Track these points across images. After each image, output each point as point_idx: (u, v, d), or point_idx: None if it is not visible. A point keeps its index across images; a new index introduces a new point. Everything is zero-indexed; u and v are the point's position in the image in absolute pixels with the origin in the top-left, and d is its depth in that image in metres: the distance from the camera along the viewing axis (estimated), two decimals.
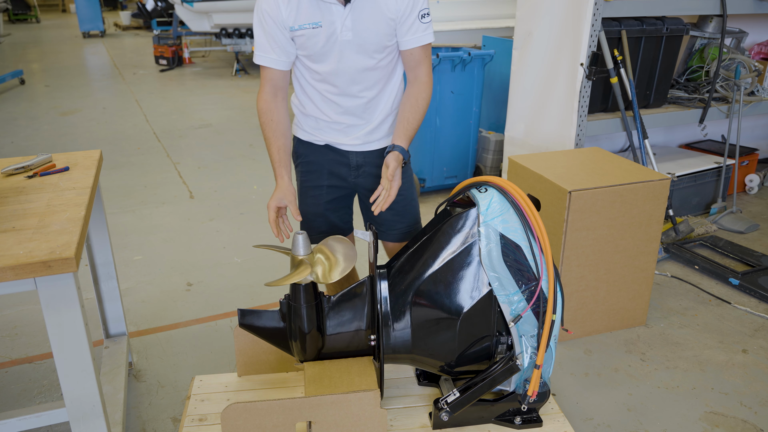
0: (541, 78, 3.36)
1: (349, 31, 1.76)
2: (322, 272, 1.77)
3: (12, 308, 2.89)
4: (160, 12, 10.36)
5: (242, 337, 1.98)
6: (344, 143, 1.96)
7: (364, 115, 1.92)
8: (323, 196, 2.03)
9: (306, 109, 1.96)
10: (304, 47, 1.81)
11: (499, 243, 1.70)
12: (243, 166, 4.93)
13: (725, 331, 2.70)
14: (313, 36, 1.77)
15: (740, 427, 2.15)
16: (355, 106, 1.90)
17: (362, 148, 1.97)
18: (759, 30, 4.26)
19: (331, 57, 1.80)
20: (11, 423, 1.74)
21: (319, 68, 1.84)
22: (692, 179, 3.74)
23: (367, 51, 1.80)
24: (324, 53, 1.80)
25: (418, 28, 1.83)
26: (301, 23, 1.75)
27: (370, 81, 1.87)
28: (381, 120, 1.95)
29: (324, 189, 2.02)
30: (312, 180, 2.02)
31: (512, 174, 2.73)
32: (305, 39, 1.78)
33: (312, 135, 1.99)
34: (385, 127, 1.97)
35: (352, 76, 1.84)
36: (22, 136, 5.75)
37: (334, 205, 2.06)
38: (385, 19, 1.78)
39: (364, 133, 1.95)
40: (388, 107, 1.94)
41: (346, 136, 1.95)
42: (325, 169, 2.01)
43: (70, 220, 1.62)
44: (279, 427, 1.59)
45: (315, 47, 1.79)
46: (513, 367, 1.74)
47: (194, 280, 3.14)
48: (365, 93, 1.88)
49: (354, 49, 1.79)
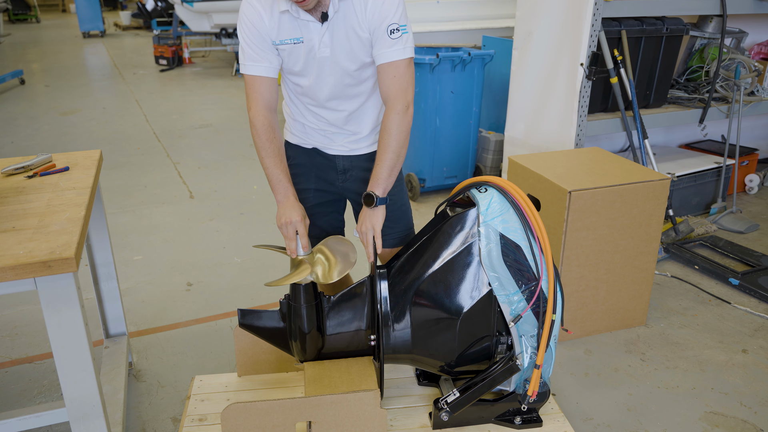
0: (541, 78, 3.36)
1: (327, 47, 1.75)
2: (322, 272, 1.77)
3: (12, 308, 2.89)
4: (160, 12, 10.37)
5: (242, 337, 1.98)
6: (330, 148, 1.96)
7: (347, 127, 1.91)
8: (310, 200, 2.02)
9: (294, 116, 1.97)
10: (286, 62, 1.81)
11: (499, 243, 1.70)
12: (243, 166, 4.93)
13: (725, 331, 2.70)
14: (294, 51, 1.77)
15: (740, 427, 2.15)
16: (335, 118, 1.89)
17: (349, 153, 1.96)
18: (759, 30, 4.26)
19: (311, 72, 1.80)
20: (11, 423, 1.74)
21: (300, 81, 1.84)
22: (692, 179, 3.74)
23: (344, 67, 1.79)
24: (304, 68, 1.80)
25: (384, 44, 1.73)
26: (282, 38, 1.75)
27: (349, 95, 1.85)
28: (368, 131, 1.93)
29: (311, 192, 2.01)
30: (299, 183, 2.01)
31: (512, 174, 2.73)
32: (287, 54, 1.78)
33: (300, 138, 1.99)
34: (372, 137, 1.95)
35: (331, 91, 1.83)
36: (22, 136, 5.75)
37: (321, 209, 2.05)
38: (357, 36, 1.75)
39: (349, 141, 1.94)
40: (373, 119, 1.93)
41: (332, 142, 1.94)
42: (313, 172, 2.00)
43: (70, 220, 1.62)
44: (279, 427, 1.59)
45: (296, 62, 1.79)
46: (513, 367, 1.75)
47: (194, 280, 3.14)
48: (344, 106, 1.87)
49: (331, 65, 1.78)
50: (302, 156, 2.00)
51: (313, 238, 2.02)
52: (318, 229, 2.06)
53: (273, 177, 1.83)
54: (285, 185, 1.83)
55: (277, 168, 1.82)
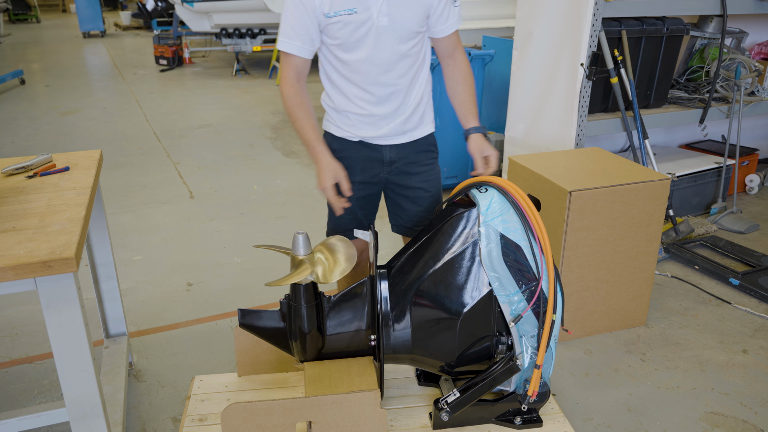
0: (541, 78, 3.36)
1: (385, 16, 1.78)
2: (323, 272, 1.77)
3: (12, 308, 2.89)
4: (161, 12, 10.37)
5: (242, 337, 1.98)
6: (377, 137, 1.98)
7: (397, 104, 1.94)
8: (354, 192, 2.04)
9: (337, 105, 1.97)
10: (338, 35, 1.82)
11: (500, 243, 1.70)
12: (243, 166, 4.93)
13: (725, 332, 2.70)
14: (349, 22, 1.79)
15: (740, 427, 2.14)
16: (388, 94, 1.91)
17: (395, 141, 1.99)
18: (759, 30, 4.26)
19: (366, 44, 1.82)
20: (11, 423, 1.74)
21: (351, 57, 1.85)
22: (692, 179, 3.74)
23: (402, 37, 1.84)
24: (358, 40, 1.82)
25: (452, 14, 1.92)
26: (336, 10, 1.77)
27: (403, 68, 1.90)
28: (413, 109, 1.98)
29: (355, 185, 2.02)
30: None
31: (512, 174, 2.73)
32: (341, 26, 1.79)
33: (346, 131, 2.00)
34: (416, 117, 2.00)
35: (387, 64, 1.86)
36: (22, 136, 5.75)
37: (362, 202, 2.09)
38: (420, 4, 1.82)
39: (397, 123, 1.97)
40: (419, 96, 1.98)
41: (378, 129, 1.96)
42: (358, 165, 2.03)
43: (71, 220, 1.62)
44: (279, 427, 1.59)
45: (349, 34, 1.81)
46: (513, 367, 1.74)
47: (194, 280, 3.14)
48: (399, 81, 1.91)
49: (389, 35, 1.82)
50: (348, 149, 2.02)
51: (348, 231, 2.06)
52: (355, 221, 2.10)
53: (307, 138, 1.90)
54: (320, 146, 1.90)
55: (309, 130, 1.89)
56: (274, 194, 4.25)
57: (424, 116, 2.04)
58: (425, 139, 2.07)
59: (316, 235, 3.82)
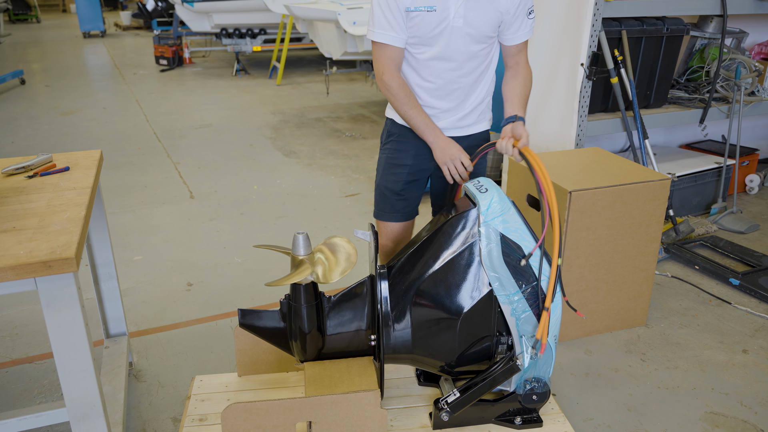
0: (542, 78, 3.36)
1: (461, 18, 1.87)
2: (323, 272, 1.77)
3: (12, 308, 2.89)
4: (161, 12, 10.38)
5: (242, 337, 1.98)
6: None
7: (459, 101, 2.03)
8: (405, 175, 2.13)
9: None
10: (415, 30, 1.90)
11: (500, 243, 1.70)
12: (243, 166, 4.93)
13: (725, 332, 2.70)
14: (427, 19, 1.87)
15: (740, 427, 2.14)
16: (451, 90, 2.00)
17: (451, 133, 2.07)
18: (759, 30, 4.25)
19: (440, 41, 1.91)
20: (11, 423, 1.74)
21: (424, 52, 1.94)
22: (692, 179, 3.74)
23: (474, 38, 1.92)
24: (433, 36, 1.90)
25: (524, 25, 1.99)
26: (417, 5, 1.86)
27: (470, 68, 1.98)
28: (473, 107, 2.07)
29: (407, 168, 2.12)
30: (399, 158, 2.13)
31: (512, 174, 2.73)
32: (419, 21, 1.88)
33: None
34: (475, 115, 2.10)
35: (457, 62, 1.95)
36: (22, 136, 5.75)
37: (411, 186, 2.16)
38: (495, 11, 1.90)
39: (455, 119, 2.06)
40: (481, 95, 2.07)
41: (437, 121, 2.04)
42: (413, 150, 2.11)
43: (71, 220, 1.62)
44: (279, 427, 1.59)
45: (426, 30, 1.89)
46: (513, 367, 1.74)
47: (194, 280, 3.14)
48: (464, 79, 1.99)
49: (462, 35, 1.90)
50: (406, 134, 2.11)
51: (395, 213, 2.18)
52: (406, 203, 2.18)
53: (420, 123, 1.99)
54: (433, 126, 1.99)
55: (421, 115, 1.98)
56: (274, 194, 4.26)
57: (482, 115, 2.14)
58: (479, 135, 2.17)
59: (316, 235, 3.83)
